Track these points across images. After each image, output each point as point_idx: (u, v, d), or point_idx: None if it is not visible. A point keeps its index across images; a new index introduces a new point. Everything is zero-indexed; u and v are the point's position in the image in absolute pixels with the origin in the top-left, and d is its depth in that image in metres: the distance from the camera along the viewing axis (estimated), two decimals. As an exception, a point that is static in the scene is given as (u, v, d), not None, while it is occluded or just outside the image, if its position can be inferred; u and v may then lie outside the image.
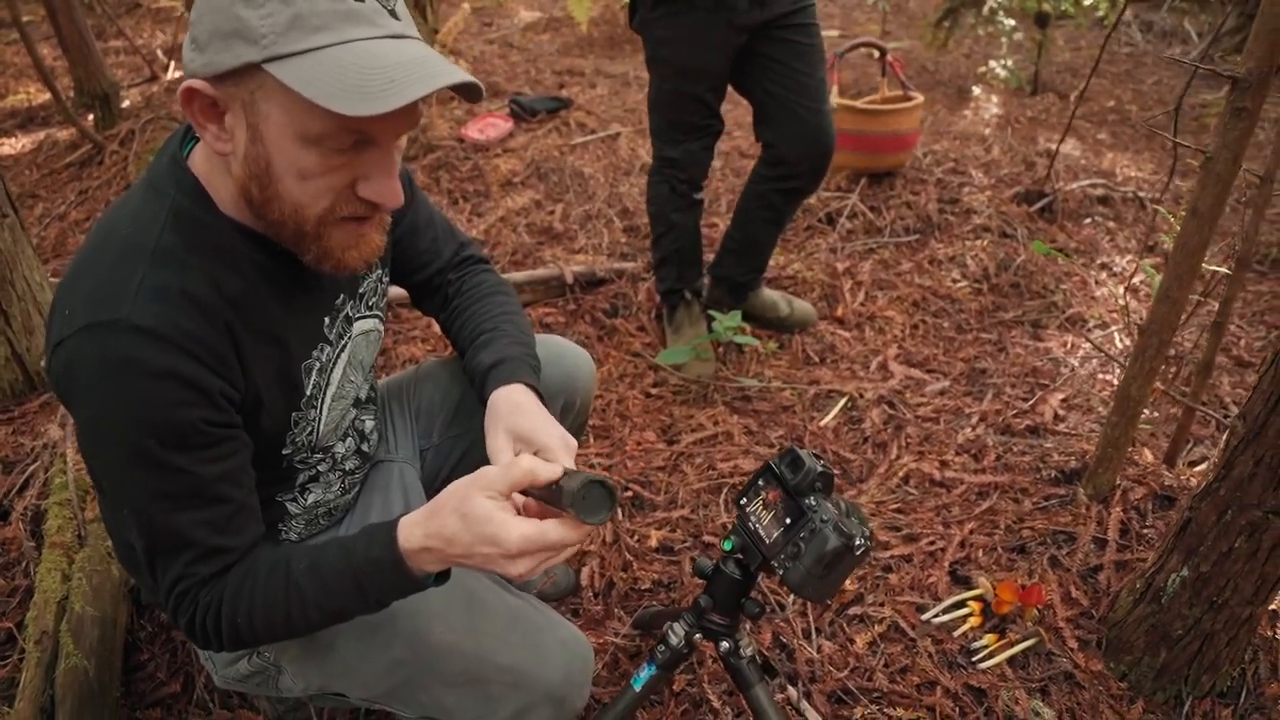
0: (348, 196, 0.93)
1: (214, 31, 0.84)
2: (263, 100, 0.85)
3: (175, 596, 0.97)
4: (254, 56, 0.82)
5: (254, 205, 0.93)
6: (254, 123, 0.87)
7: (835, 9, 7.48)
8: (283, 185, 0.90)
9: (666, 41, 2.14)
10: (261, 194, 0.91)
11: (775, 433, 2.23)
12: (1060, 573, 1.76)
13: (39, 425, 2.16)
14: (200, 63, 0.85)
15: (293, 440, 1.11)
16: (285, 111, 0.85)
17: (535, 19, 6.62)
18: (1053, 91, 5.17)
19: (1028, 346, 2.60)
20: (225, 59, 0.84)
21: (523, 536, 0.86)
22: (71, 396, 0.91)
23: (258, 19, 0.82)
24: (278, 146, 0.87)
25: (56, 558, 1.68)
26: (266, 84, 0.84)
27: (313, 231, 0.94)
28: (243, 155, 0.89)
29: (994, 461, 2.09)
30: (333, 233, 0.95)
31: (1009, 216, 3.16)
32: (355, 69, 0.83)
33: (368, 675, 1.15)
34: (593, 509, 0.86)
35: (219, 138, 0.90)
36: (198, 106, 0.88)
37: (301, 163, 0.88)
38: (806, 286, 2.81)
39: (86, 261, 0.93)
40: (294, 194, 0.90)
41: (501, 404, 1.13)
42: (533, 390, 1.17)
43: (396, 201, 0.95)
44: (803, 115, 2.19)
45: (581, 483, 0.86)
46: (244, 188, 0.92)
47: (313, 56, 0.83)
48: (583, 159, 3.73)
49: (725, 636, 1.20)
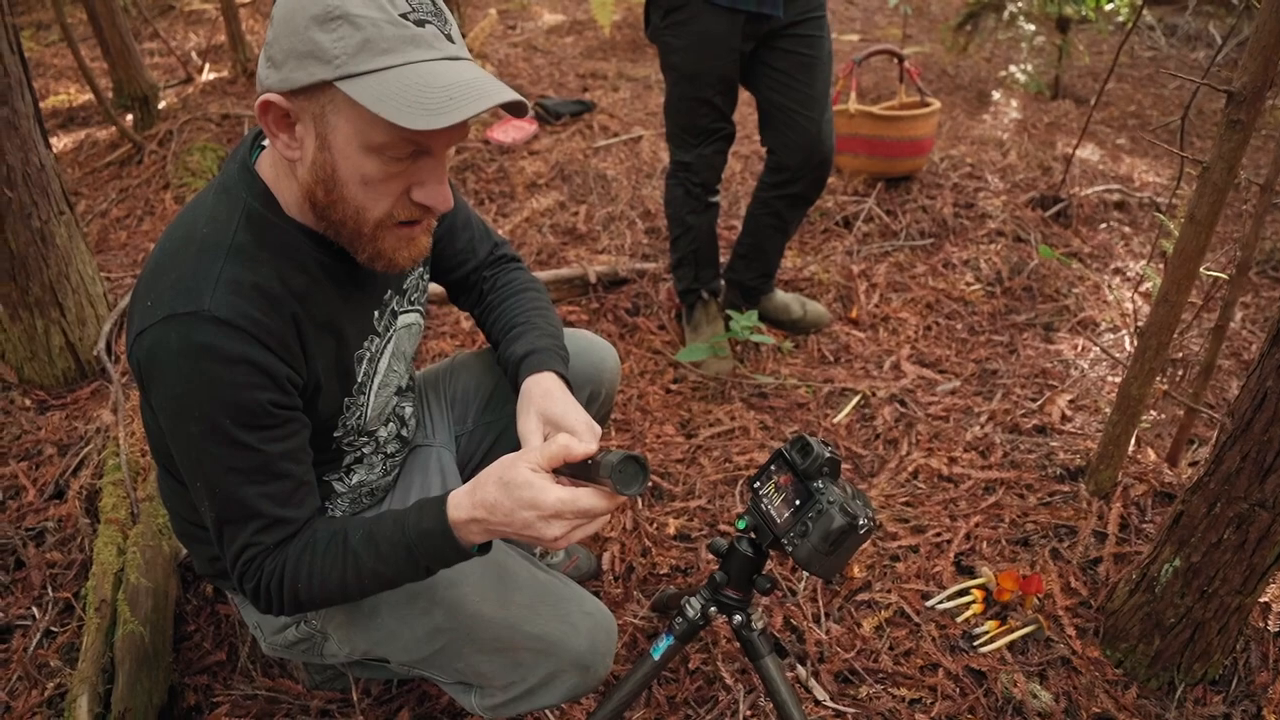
0: (403, 202, 1.03)
1: (290, 51, 0.93)
2: (332, 113, 0.95)
3: (243, 563, 1.07)
4: (327, 75, 0.92)
5: (318, 207, 1.03)
6: (323, 133, 0.97)
7: (856, 12, 7.53)
8: (346, 189, 1.00)
9: (677, 49, 2.23)
10: (326, 196, 1.01)
11: (790, 428, 2.32)
12: (1061, 564, 1.84)
13: (91, 410, 2.28)
14: (276, 79, 0.95)
15: (343, 424, 1.21)
16: (352, 123, 0.95)
17: (559, 22, 6.72)
18: (1072, 96, 5.21)
19: (1038, 349, 2.66)
20: (300, 76, 0.93)
21: (559, 499, 0.96)
22: (153, 379, 1.01)
23: (331, 42, 0.91)
24: (344, 154, 0.97)
25: (112, 533, 1.79)
26: (336, 99, 0.94)
27: (370, 233, 1.04)
28: (310, 161, 0.99)
29: (1001, 458, 2.16)
30: (387, 236, 1.05)
31: (1023, 221, 3.23)
32: (418, 88, 0.92)
33: (408, 641, 1.25)
34: (629, 481, 0.95)
35: (289, 146, 1.00)
36: (272, 117, 0.98)
37: (364, 169, 0.98)
38: (822, 288, 2.89)
39: (168, 256, 1.03)
40: (356, 198, 1.00)
41: (533, 390, 1.22)
42: (562, 379, 1.26)
43: (447, 206, 1.05)
44: (803, 125, 2.28)
45: (620, 457, 0.95)
46: (310, 191, 1.02)
47: (380, 76, 0.92)
48: (606, 161, 3.83)
49: (738, 610, 1.29)
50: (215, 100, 4.68)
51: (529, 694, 1.24)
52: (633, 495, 0.95)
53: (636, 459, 0.95)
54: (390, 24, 0.93)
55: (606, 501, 0.97)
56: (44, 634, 1.72)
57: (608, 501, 0.97)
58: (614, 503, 0.97)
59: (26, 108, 2.18)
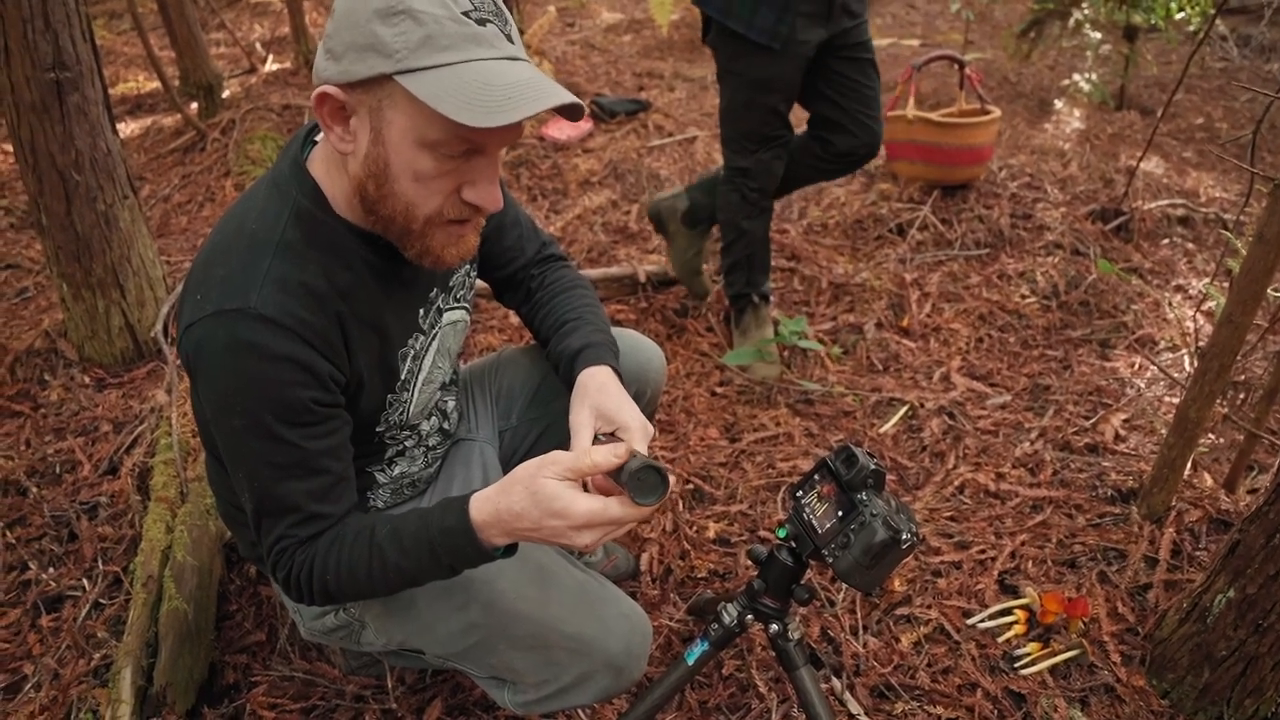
0: (454, 200, 1.03)
1: (350, 44, 0.94)
2: (389, 107, 0.96)
3: (275, 553, 1.09)
4: (387, 69, 0.93)
5: (368, 201, 1.03)
6: (378, 127, 0.97)
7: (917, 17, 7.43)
8: (398, 185, 1.00)
9: (741, 55, 2.22)
10: (377, 191, 1.01)
11: (835, 436, 2.29)
12: (1108, 588, 1.79)
13: (146, 390, 2.34)
14: (335, 71, 0.96)
15: (386, 419, 1.22)
16: (408, 118, 0.96)
17: (617, 20, 6.73)
18: (1138, 107, 5.08)
19: (1093, 365, 2.60)
20: (359, 69, 0.94)
21: (589, 510, 0.96)
22: (199, 372, 1.03)
23: (392, 36, 0.92)
24: (398, 149, 0.98)
25: (161, 511, 1.83)
26: (394, 93, 0.95)
27: (419, 230, 1.04)
28: (364, 155, 1.00)
29: (1050, 476, 2.11)
30: (436, 233, 1.06)
31: (1083, 234, 3.15)
32: (477, 86, 0.93)
33: (444, 634, 1.25)
34: (645, 491, 0.95)
35: (343, 138, 1.00)
36: (328, 109, 0.98)
37: (417, 165, 0.98)
38: (874, 295, 2.85)
39: (219, 251, 1.05)
40: (407, 193, 1.01)
41: (589, 383, 1.22)
42: (614, 371, 1.26)
43: (496, 206, 1.05)
44: (868, 124, 2.34)
45: (639, 465, 0.95)
46: (361, 185, 1.02)
47: (440, 72, 0.93)
48: (659, 161, 3.82)
49: (775, 619, 1.28)
50: (277, 90, 4.78)
51: (561, 693, 1.24)
52: (649, 505, 0.95)
53: (656, 469, 0.95)
54: (452, 21, 0.93)
55: (636, 510, 0.97)
56: (93, 605, 1.77)
57: (637, 510, 0.97)
58: (642, 512, 0.97)
59: (96, 94, 2.24)
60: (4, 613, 1.80)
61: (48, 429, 2.26)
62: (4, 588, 1.86)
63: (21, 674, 1.67)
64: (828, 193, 3.46)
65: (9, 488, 2.07)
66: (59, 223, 2.27)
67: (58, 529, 1.97)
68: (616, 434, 1.15)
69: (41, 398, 2.38)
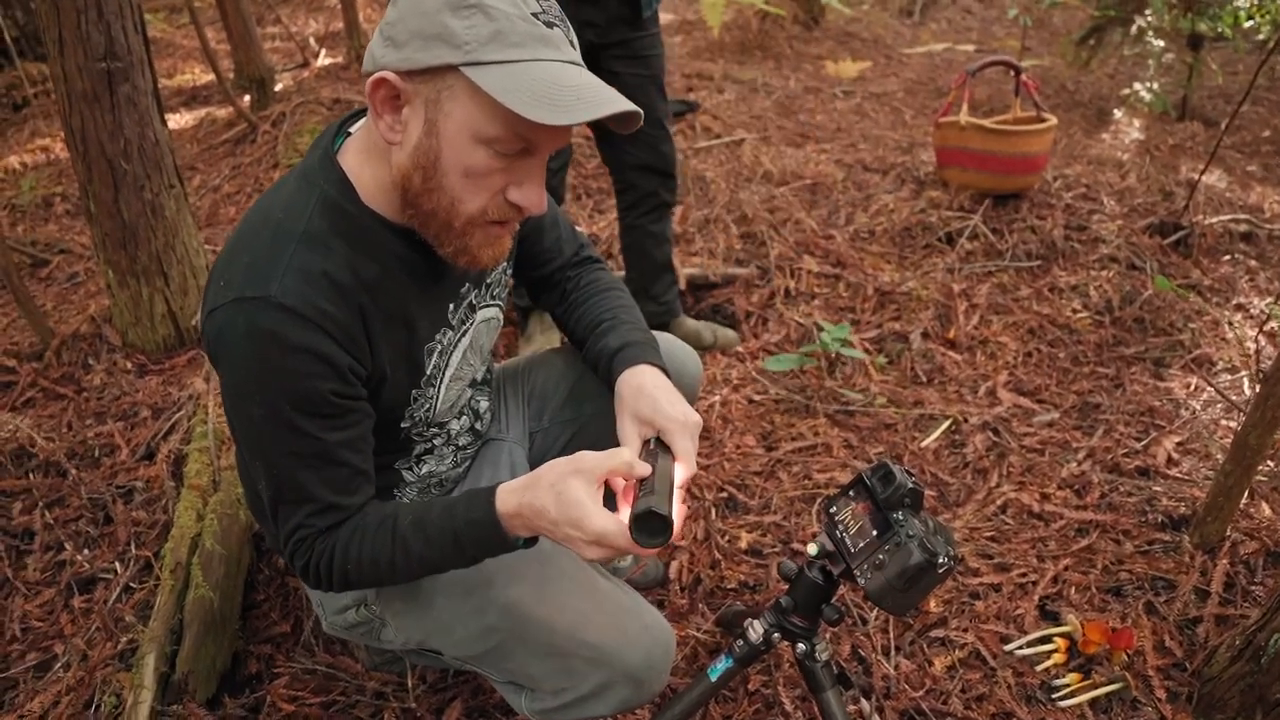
0: (499, 200, 1.02)
1: (415, 32, 0.93)
2: (448, 99, 0.94)
3: (293, 543, 1.09)
4: (454, 59, 0.91)
5: (410, 194, 1.01)
6: (433, 118, 0.96)
7: (973, 22, 7.30)
8: (446, 179, 0.99)
9: None
10: (424, 184, 1.00)
11: (875, 449, 2.23)
12: (1155, 620, 1.71)
13: (186, 378, 2.36)
14: (396, 57, 0.94)
15: (411, 415, 1.20)
16: (468, 112, 0.94)
17: (668, 21, 6.71)
18: (1201, 118, 4.92)
19: (1146, 385, 2.50)
20: (423, 57, 0.92)
21: (601, 530, 0.96)
22: (219, 358, 1.02)
23: (463, 28, 0.91)
24: (451, 143, 0.96)
25: (193, 498, 1.84)
26: (456, 85, 0.93)
27: (460, 228, 1.03)
28: (413, 146, 0.98)
29: (1098, 499, 2.04)
30: (475, 232, 1.04)
31: (1139, 248, 3.04)
32: (545, 84, 0.92)
33: (462, 637, 1.23)
34: (647, 533, 0.95)
35: (393, 127, 0.99)
36: (382, 96, 0.97)
37: (470, 160, 0.97)
38: (920, 305, 2.78)
39: (244, 238, 1.04)
40: (455, 188, 0.99)
41: (624, 390, 1.20)
42: (657, 368, 1.23)
43: (541, 209, 1.04)
44: None
45: (644, 509, 0.94)
46: (406, 176, 1.00)
47: (508, 68, 0.92)
48: (705, 163, 3.78)
49: (803, 639, 1.23)
50: (328, 85, 4.82)
51: (579, 702, 1.21)
52: (645, 547, 0.95)
53: (660, 515, 0.94)
54: (522, 20, 0.93)
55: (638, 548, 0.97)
56: (123, 589, 1.79)
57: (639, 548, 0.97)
58: (644, 551, 0.97)
59: (146, 85, 2.26)
60: (39, 591, 1.83)
61: (89, 412, 2.29)
62: (41, 567, 1.88)
63: (52, 653, 1.68)
64: (875, 199, 3.39)
65: (50, 469, 2.10)
66: (106, 210, 2.30)
67: (94, 511, 1.99)
68: (660, 437, 1.14)
69: (85, 381, 2.42)
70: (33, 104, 5.15)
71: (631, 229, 2.51)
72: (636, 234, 2.51)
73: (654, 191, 2.44)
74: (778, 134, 4.23)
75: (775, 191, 3.49)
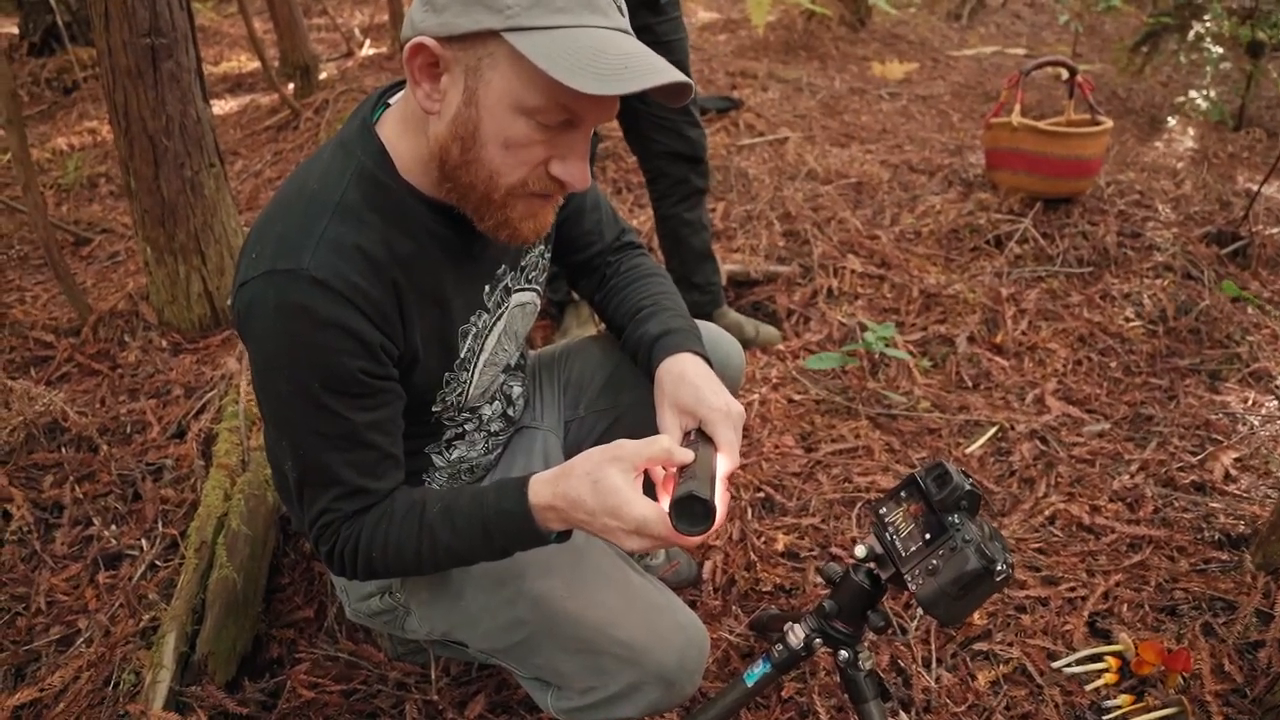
0: (540, 173, 0.97)
1: None
2: (488, 67, 0.90)
3: (319, 527, 1.05)
4: (495, 24, 0.87)
5: (448, 166, 0.97)
6: (473, 86, 0.91)
7: (1023, 27, 7.17)
8: (485, 150, 0.94)
9: None
10: (462, 156, 0.95)
11: (918, 453, 2.16)
12: (1213, 642, 1.63)
13: (219, 358, 2.34)
14: (435, 22, 0.89)
15: (443, 399, 1.16)
16: (508, 80, 0.90)
17: (713, 19, 6.65)
18: (1260, 127, 4.77)
19: (1202, 398, 2.40)
20: (463, 22, 0.88)
21: (642, 517, 0.91)
22: (248, 332, 0.98)
23: None
24: (491, 113, 0.92)
25: (221, 478, 1.82)
26: (497, 52, 0.89)
27: (500, 200, 0.98)
28: (452, 116, 0.93)
29: (1151, 514, 1.95)
30: (516, 204, 0.99)
31: (1195, 257, 2.93)
32: (591, 51, 0.87)
33: (489, 629, 1.19)
34: (688, 520, 0.90)
35: (430, 96, 0.94)
36: (420, 63, 0.92)
37: (509, 131, 0.92)
38: (967, 308, 2.70)
39: (278, 209, 1.00)
40: (494, 160, 0.94)
41: (665, 379, 1.15)
42: (700, 357, 1.18)
43: (584, 184, 0.98)
44: None
45: (685, 492, 0.90)
46: (444, 148, 0.96)
47: (552, 34, 0.87)
48: (749, 160, 3.73)
49: (846, 646, 1.17)
50: (371, 74, 4.83)
51: (607, 702, 1.16)
52: (687, 534, 0.91)
53: (702, 500, 0.90)
54: None
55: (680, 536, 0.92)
56: (148, 566, 1.77)
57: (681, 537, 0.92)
58: (686, 540, 0.93)
59: (189, 63, 2.25)
60: (66, 566, 1.82)
61: (123, 389, 2.29)
62: (69, 541, 1.87)
63: (75, 628, 1.67)
64: (922, 200, 3.31)
65: (81, 443, 2.09)
66: (146, 187, 2.29)
67: (123, 488, 1.98)
68: (702, 428, 1.09)
69: (120, 358, 2.41)
70: (82, 88, 5.22)
71: (666, 219, 2.46)
72: (672, 223, 2.45)
73: (685, 178, 2.38)
74: (822, 133, 4.16)
75: (819, 190, 3.42)
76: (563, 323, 2.63)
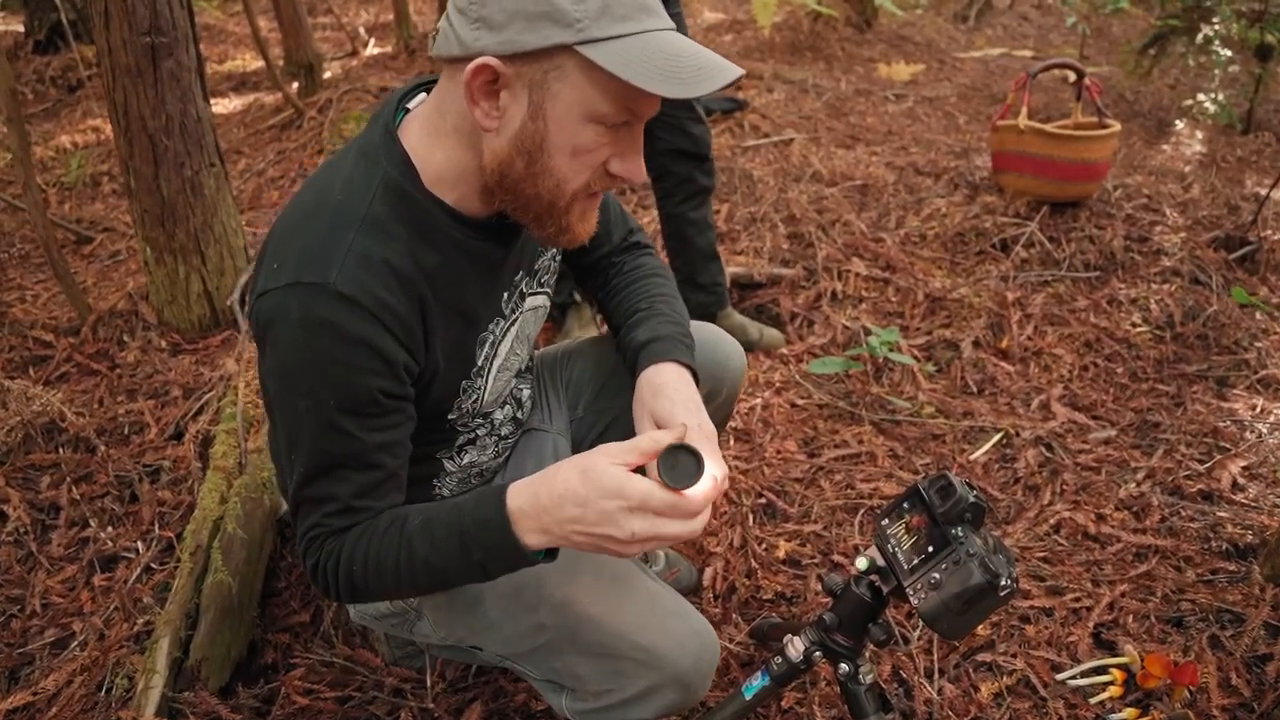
0: (600, 173, 0.98)
1: (516, 13, 0.87)
2: (555, 80, 0.89)
3: (307, 540, 1.02)
4: (566, 39, 0.86)
5: (509, 179, 0.96)
6: (539, 100, 0.90)
7: (1030, 29, 7.14)
8: (553, 160, 0.94)
9: None
10: (527, 169, 0.94)
11: (921, 460, 2.14)
12: (1220, 655, 1.60)
13: (218, 359, 2.33)
14: (494, 41, 0.88)
15: (458, 407, 1.15)
16: (579, 90, 0.90)
17: (718, 20, 6.63)
18: (1269, 130, 4.74)
19: (1209, 405, 2.38)
20: (530, 39, 0.87)
21: (645, 492, 0.88)
22: (268, 343, 0.96)
23: (572, 4, 0.86)
24: (560, 124, 0.91)
25: (218, 480, 1.81)
26: (565, 64, 0.88)
27: (565, 206, 0.98)
28: (515, 131, 0.93)
29: (1158, 523, 1.93)
30: (576, 206, 1.00)
31: (1203, 262, 2.91)
32: (663, 56, 0.88)
33: (510, 634, 1.18)
34: (676, 475, 0.87)
35: (488, 114, 0.93)
36: (480, 82, 0.90)
37: (579, 139, 0.93)
38: (972, 312, 2.68)
39: (300, 219, 0.98)
40: (561, 169, 0.95)
41: (644, 388, 1.14)
42: (685, 368, 1.16)
43: (642, 177, 0.99)
44: None
45: (668, 448, 0.88)
46: (504, 162, 0.95)
47: (622, 42, 0.87)
48: (753, 161, 3.71)
49: (846, 659, 1.15)
50: (375, 73, 4.82)
51: (623, 704, 1.15)
52: (683, 490, 0.87)
53: (688, 449, 0.87)
54: None
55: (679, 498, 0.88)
56: (144, 569, 1.76)
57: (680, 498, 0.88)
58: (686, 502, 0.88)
59: (190, 62, 2.24)
60: (62, 567, 1.81)
61: (121, 389, 2.28)
62: (65, 543, 1.86)
63: (70, 630, 1.66)
64: (928, 203, 3.28)
65: (79, 444, 2.08)
66: (146, 186, 2.28)
67: (120, 489, 1.97)
68: None
69: (119, 358, 2.40)
70: (86, 86, 5.22)
71: (671, 218, 2.44)
72: (677, 222, 2.43)
73: (690, 176, 2.36)
74: (827, 135, 4.14)
75: (824, 192, 3.40)
76: (564, 324, 2.62)
